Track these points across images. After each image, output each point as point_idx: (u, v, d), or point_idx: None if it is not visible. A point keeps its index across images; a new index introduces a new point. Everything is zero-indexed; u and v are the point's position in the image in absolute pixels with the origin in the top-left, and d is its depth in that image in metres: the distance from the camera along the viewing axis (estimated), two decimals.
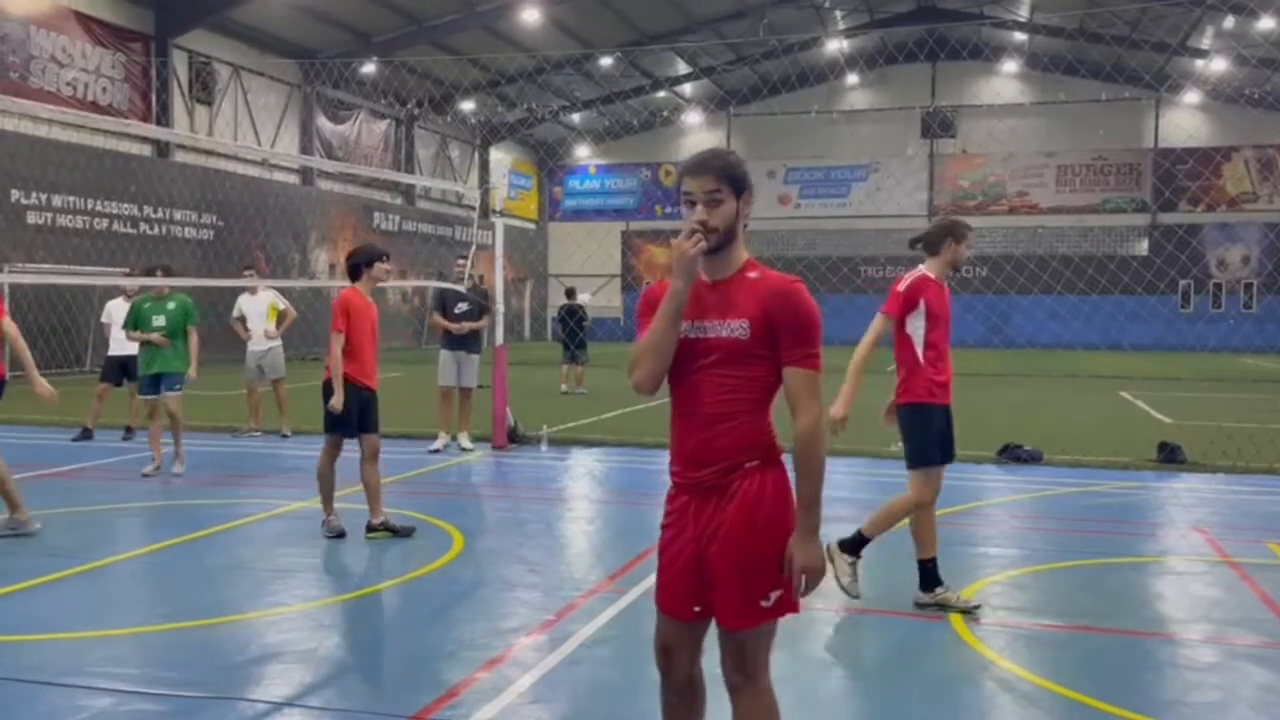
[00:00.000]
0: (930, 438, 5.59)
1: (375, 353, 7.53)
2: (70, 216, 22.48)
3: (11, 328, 7.39)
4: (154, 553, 6.90)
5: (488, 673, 4.67)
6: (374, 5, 29.11)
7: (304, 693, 4.47)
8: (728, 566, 2.93)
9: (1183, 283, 38.26)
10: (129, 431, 12.11)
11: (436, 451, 11.29)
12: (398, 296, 34.68)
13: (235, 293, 13.18)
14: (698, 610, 3.04)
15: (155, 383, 9.79)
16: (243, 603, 5.79)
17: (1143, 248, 39.88)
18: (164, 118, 25.67)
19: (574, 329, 18.82)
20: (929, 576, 5.72)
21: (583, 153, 45.46)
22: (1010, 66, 39.53)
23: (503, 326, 12.00)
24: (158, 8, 25.65)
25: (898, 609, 5.79)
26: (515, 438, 11.98)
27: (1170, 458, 10.88)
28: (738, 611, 2.96)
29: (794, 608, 3.01)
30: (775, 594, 2.96)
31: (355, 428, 7.36)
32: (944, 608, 5.64)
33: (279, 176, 30.47)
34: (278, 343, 12.53)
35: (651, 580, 3.19)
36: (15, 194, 21.25)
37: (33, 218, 21.61)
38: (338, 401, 7.21)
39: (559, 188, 46.46)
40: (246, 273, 13.61)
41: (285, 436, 12.26)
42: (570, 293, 20.43)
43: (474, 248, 13.09)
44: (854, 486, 9.84)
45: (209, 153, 27.19)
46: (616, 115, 41.33)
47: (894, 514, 5.74)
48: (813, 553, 2.90)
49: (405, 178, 34.91)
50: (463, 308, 11.61)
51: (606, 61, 35.51)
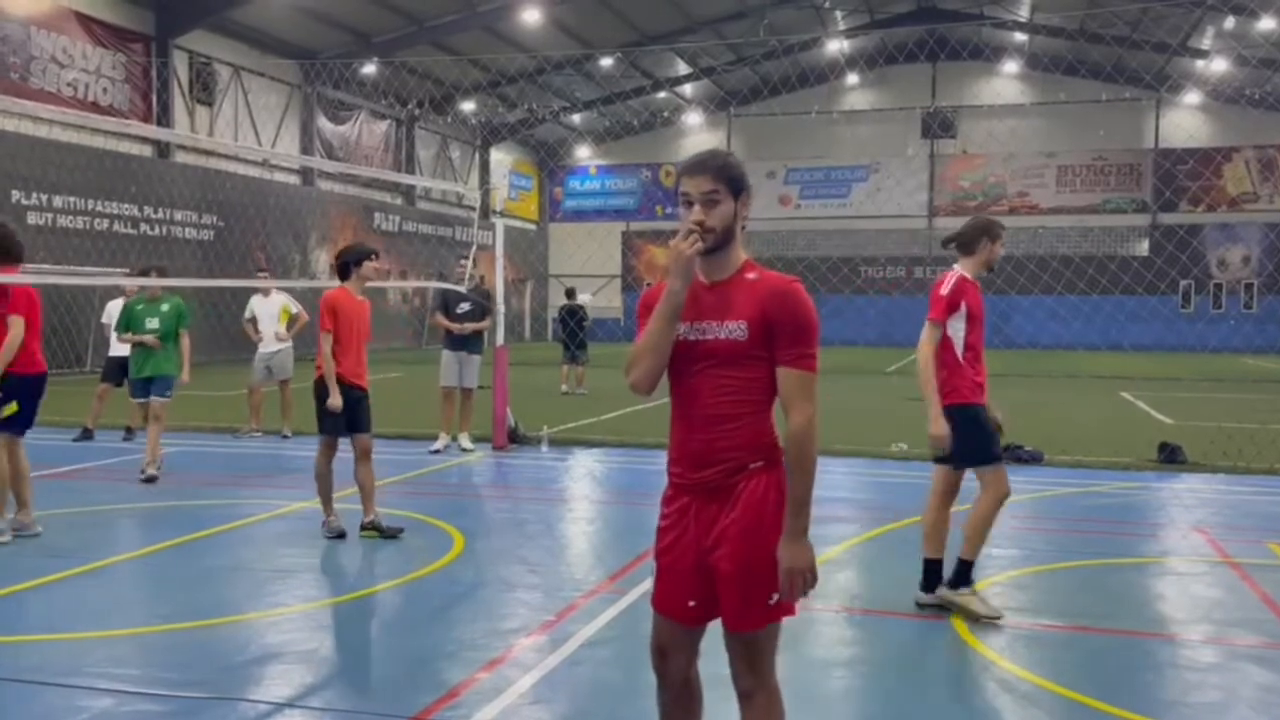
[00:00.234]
0: (987, 434, 5.55)
1: (365, 352, 7.51)
2: (71, 217, 22.48)
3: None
4: (154, 553, 6.90)
5: (488, 673, 4.67)
6: (374, 6, 29.12)
7: (304, 693, 4.48)
8: (736, 568, 2.92)
9: (1183, 283, 38.26)
10: (129, 432, 12.11)
11: (437, 452, 11.29)
12: (398, 297, 34.68)
13: (236, 294, 13.20)
14: (698, 613, 3.03)
15: (146, 386, 9.69)
16: (243, 603, 5.79)
17: (1143, 248, 39.89)
18: (164, 118, 25.67)
19: (574, 329, 18.81)
20: (934, 578, 5.70)
21: (583, 153, 45.46)
22: (1010, 67, 39.53)
23: (503, 327, 11.99)
24: (158, 8, 25.65)
25: (898, 609, 5.79)
26: (516, 438, 11.98)
27: (1171, 458, 10.88)
28: (746, 613, 2.95)
29: (790, 610, 3.00)
30: (777, 595, 2.95)
31: (345, 427, 7.36)
32: (944, 608, 5.64)
33: (279, 177, 30.47)
34: (288, 344, 12.53)
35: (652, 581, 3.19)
36: (16, 194, 21.25)
37: (33, 218, 21.60)
38: (335, 401, 7.19)
39: (559, 188, 46.45)
40: (260, 274, 13.59)
41: (286, 437, 12.27)
42: (570, 293, 20.42)
43: (474, 248, 13.08)
44: (854, 487, 9.84)
45: (209, 153, 27.20)
46: (617, 116, 41.34)
47: (983, 526, 5.59)
48: (801, 555, 2.89)
49: (406, 178, 34.90)
50: (465, 308, 11.61)
51: (607, 62, 35.52)
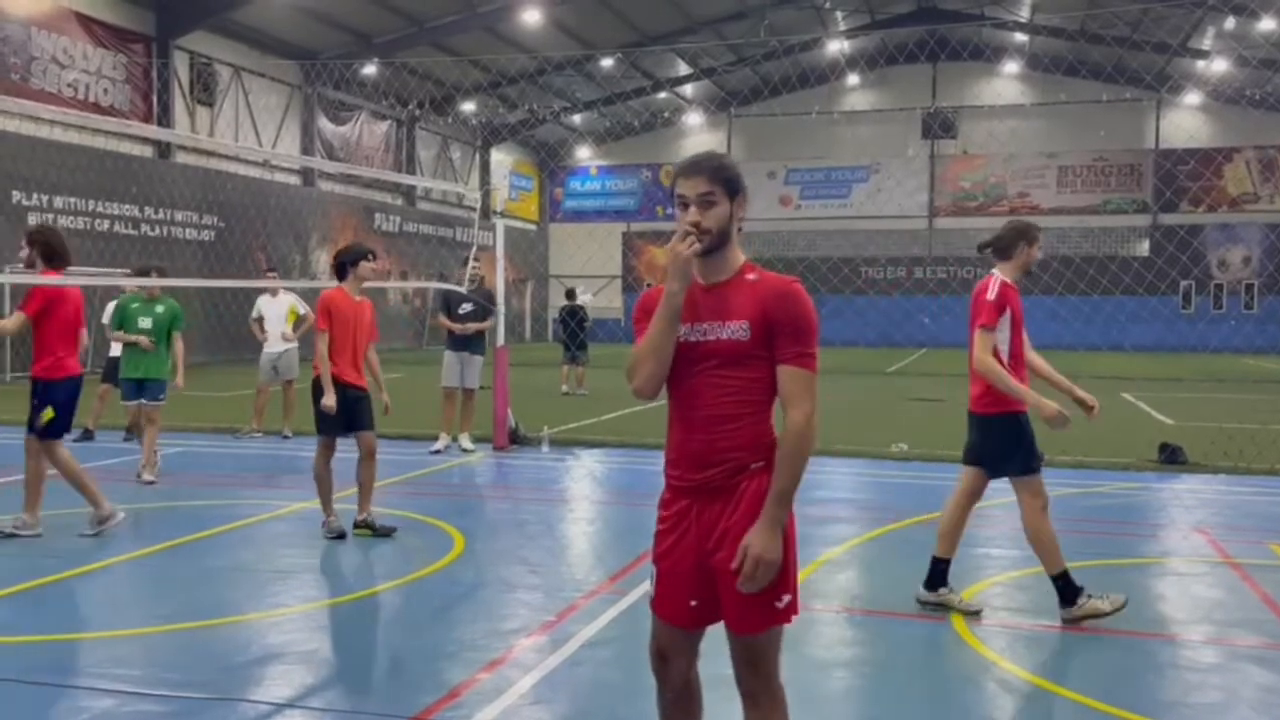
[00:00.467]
0: (1029, 444, 5.51)
1: (368, 352, 7.50)
2: (71, 218, 22.47)
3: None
4: (155, 554, 6.90)
5: (489, 674, 4.67)
6: (375, 6, 29.12)
7: (305, 693, 4.48)
8: (734, 564, 2.90)
9: (1184, 283, 38.25)
10: (130, 432, 12.10)
11: (438, 452, 11.29)
12: (398, 298, 34.68)
13: (236, 294, 13.19)
14: (699, 616, 3.02)
15: (138, 387, 9.52)
16: (244, 604, 5.79)
17: (1144, 248, 39.88)
18: (165, 119, 25.67)
19: (575, 330, 18.82)
20: (939, 576, 5.68)
21: (584, 154, 45.46)
22: (1011, 67, 39.53)
23: (503, 327, 12.00)
24: (159, 9, 25.65)
25: (898, 609, 5.79)
26: (516, 439, 11.98)
27: (1171, 459, 10.87)
28: (749, 615, 2.94)
29: (792, 613, 2.99)
30: (787, 597, 2.95)
31: (344, 428, 7.35)
32: (945, 608, 5.63)
33: (280, 177, 30.47)
34: (294, 345, 12.53)
35: None
36: (16, 195, 21.26)
37: (34, 219, 21.56)
38: (329, 401, 7.20)
39: (560, 189, 46.46)
40: (270, 274, 13.57)
41: (286, 438, 12.27)
42: (571, 293, 20.43)
43: (474, 248, 13.09)
44: (855, 487, 9.85)
45: (210, 154, 27.20)
46: (617, 116, 41.34)
47: (1045, 537, 5.48)
48: (771, 545, 2.85)
49: (406, 179, 34.90)
50: (467, 308, 11.61)
51: (607, 62, 35.50)
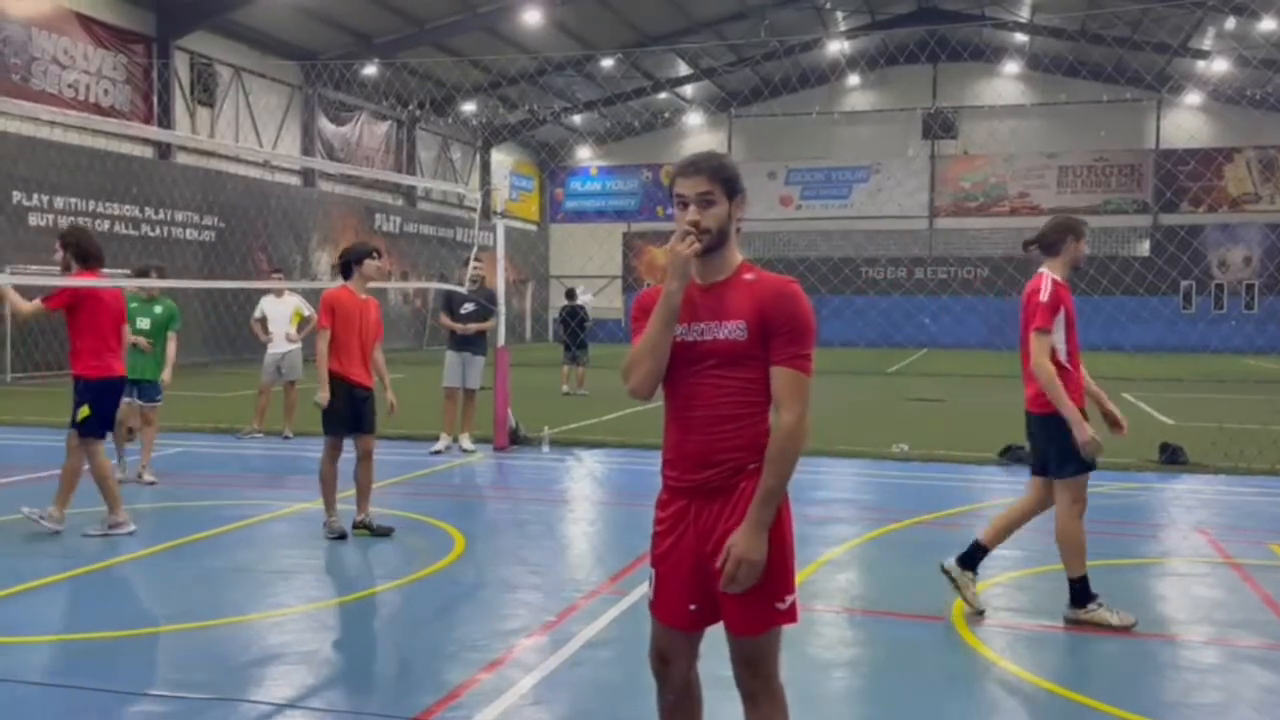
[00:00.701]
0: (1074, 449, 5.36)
1: (369, 350, 7.51)
2: (72, 218, 22.41)
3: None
4: (155, 554, 6.90)
5: (489, 674, 4.68)
6: (375, 7, 29.13)
7: (306, 694, 4.48)
8: (717, 563, 2.89)
9: (1184, 284, 38.24)
10: (130, 433, 12.10)
11: (438, 453, 11.29)
12: (399, 298, 34.68)
13: (237, 295, 13.18)
14: (699, 617, 3.02)
15: (133, 389, 9.39)
16: (244, 604, 5.79)
17: (1144, 249, 39.87)
18: (165, 119, 25.67)
19: (575, 330, 18.83)
20: (973, 559, 5.57)
21: (584, 154, 45.46)
22: (1011, 68, 39.53)
23: (504, 328, 12.00)
24: (159, 9, 25.66)
25: (899, 610, 5.79)
26: (516, 439, 11.99)
27: (1172, 459, 10.87)
28: (749, 617, 2.93)
29: (793, 617, 2.98)
30: (790, 598, 2.95)
31: (351, 427, 7.36)
32: (957, 588, 5.60)
33: (280, 178, 30.47)
34: (298, 345, 12.54)
35: None
36: (17, 195, 21.26)
37: (34, 219, 21.62)
38: (323, 397, 7.23)
39: (560, 189, 46.46)
40: (275, 275, 13.56)
41: (287, 438, 12.27)
42: (571, 293, 20.45)
43: (475, 248, 13.09)
44: (855, 488, 9.85)
45: (210, 154, 27.19)
46: (618, 116, 41.33)
47: (1074, 540, 5.43)
48: (756, 546, 2.84)
49: (407, 179, 34.90)
50: (468, 308, 11.62)
51: (608, 63, 35.50)
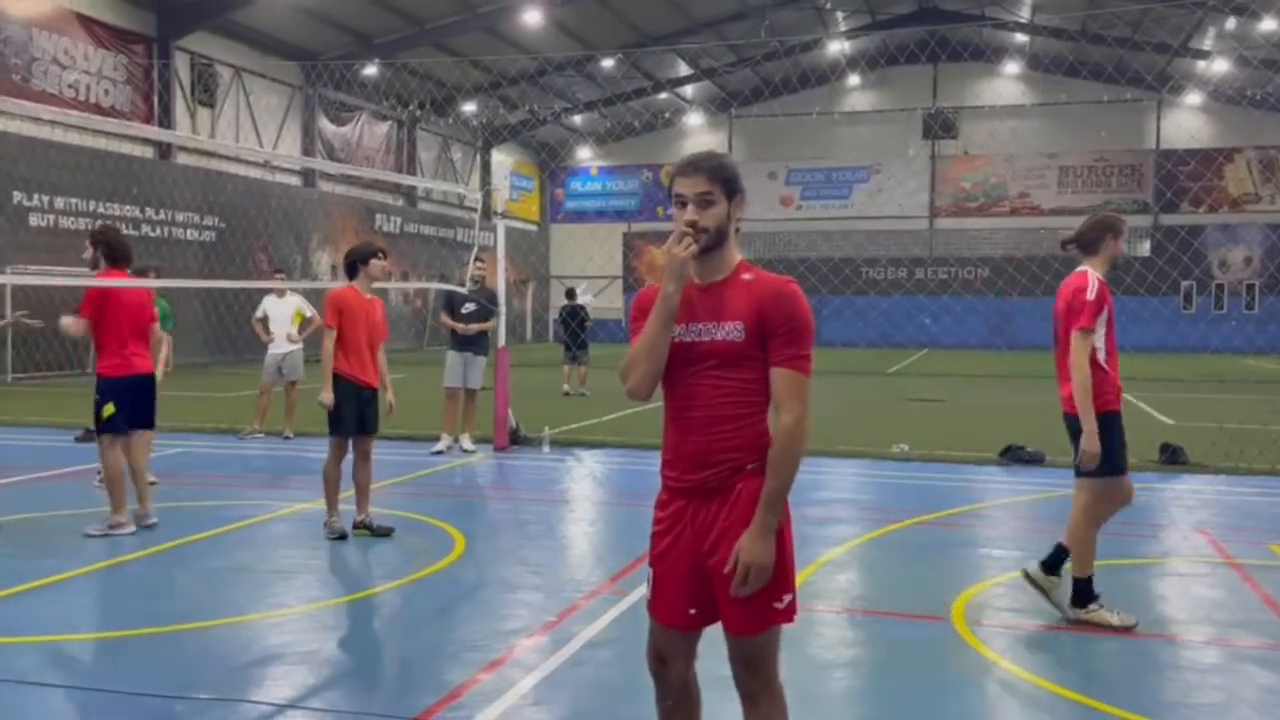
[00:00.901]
0: (1119, 445, 5.35)
1: (376, 350, 7.53)
2: (73, 218, 22.48)
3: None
4: (156, 554, 6.90)
5: (489, 674, 4.68)
6: (375, 7, 29.14)
7: (306, 694, 4.48)
8: (726, 568, 2.89)
9: (1185, 284, 38.22)
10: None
11: (439, 453, 11.29)
12: (399, 298, 34.68)
13: (237, 295, 13.17)
14: (696, 617, 3.02)
15: None
16: (245, 604, 5.79)
17: (1144, 249, 39.81)
18: (166, 119, 25.68)
19: (576, 330, 18.84)
20: (1083, 593, 5.45)
21: (584, 154, 45.45)
22: (1012, 68, 39.52)
23: (504, 328, 12.01)
24: (159, 10, 25.67)
25: (899, 610, 5.79)
26: (517, 439, 11.98)
27: (1172, 459, 10.87)
28: (748, 617, 2.93)
29: (791, 616, 2.98)
30: (787, 597, 2.95)
31: (357, 428, 7.37)
32: (1097, 625, 5.41)
33: (281, 178, 30.47)
34: (299, 346, 12.55)
35: None
36: (18, 196, 21.26)
37: (35, 220, 21.63)
38: (327, 396, 7.23)
39: (560, 189, 46.46)
40: (277, 275, 13.54)
41: (287, 439, 12.26)
42: (571, 293, 20.44)
43: (476, 248, 13.10)
44: (855, 488, 9.85)
45: (211, 154, 27.20)
46: (618, 117, 41.33)
47: (1084, 541, 5.40)
48: (764, 551, 2.84)
49: (407, 179, 34.90)
50: (469, 308, 11.62)
51: (608, 63, 35.49)
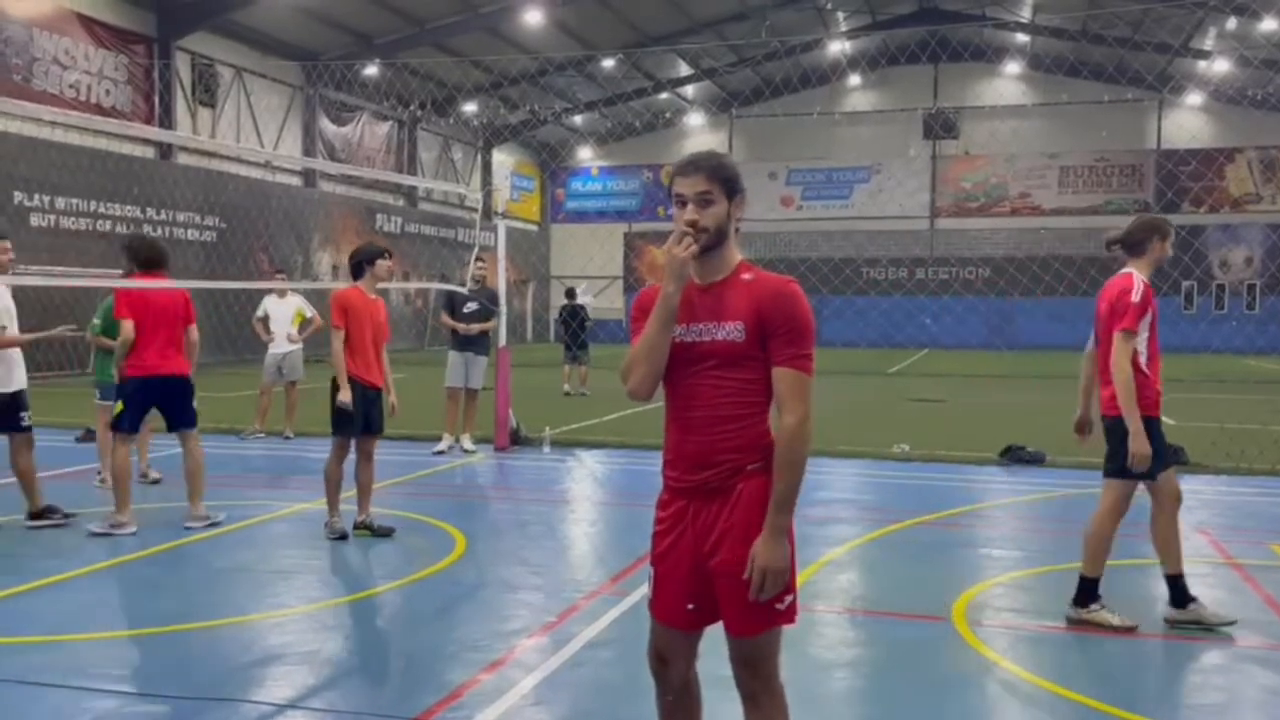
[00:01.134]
0: (1159, 451, 5.32)
1: (380, 350, 7.54)
2: (73, 219, 22.49)
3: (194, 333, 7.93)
4: (157, 554, 6.90)
5: (490, 674, 4.68)
6: (376, 7, 29.14)
7: (307, 694, 4.48)
8: (737, 571, 2.89)
9: (1185, 284, 38.20)
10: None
11: (440, 453, 11.29)
12: (400, 298, 34.69)
13: (238, 295, 13.16)
14: (698, 617, 3.02)
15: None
16: (245, 604, 5.79)
17: None
18: (166, 120, 25.69)
19: (576, 330, 18.86)
20: (1181, 593, 5.42)
21: (585, 154, 45.45)
22: (1012, 68, 39.50)
23: (505, 328, 12.01)
24: (160, 10, 25.67)
25: (900, 610, 5.79)
26: (518, 439, 11.99)
27: (1173, 459, 10.82)
28: (749, 617, 2.93)
29: (791, 617, 2.98)
30: (789, 598, 2.94)
31: (362, 428, 7.37)
32: (1196, 625, 5.37)
33: (281, 178, 30.48)
34: (299, 346, 12.55)
35: None
36: (18, 196, 21.26)
37: (36, 220, 21.63)
38: (345, 395, 7.20)
39: (561, 189, 46.46)
40: (278, 275, 13.54)
41: (287, 439, 12.27)
42: (570, 293, 20.47)
43: (477, 248, 13.10)
44: (856, 488, 9.84)
45: (211, 155, 27.21)
46: (618, 117, 41.32)
47: (1100, 540, 5.43)
48: (777, 554, 2.85)
49: (408, 180, 34.91)
50: (471, 308, 11.62)
51: (608, 63, 35.50)
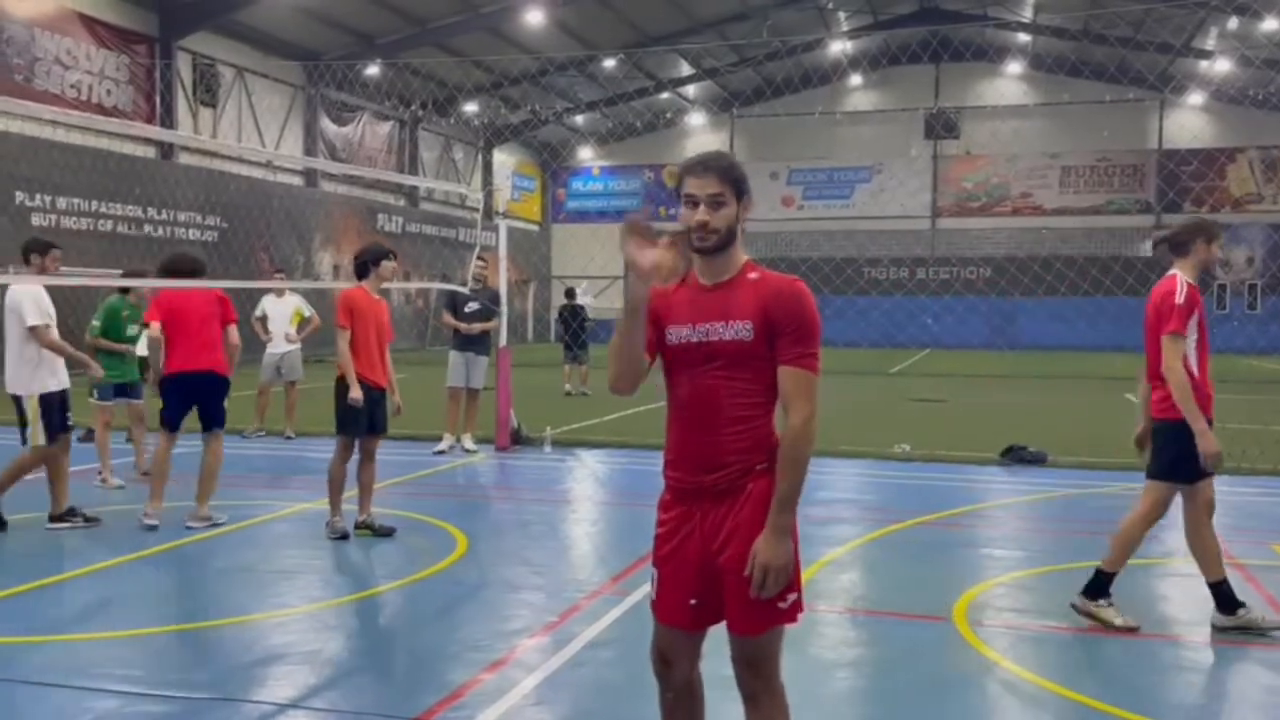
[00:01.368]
0: (1197, 457, 5.22)
1: (384, 350, 7.55)
2: (75, 218, 22.50)
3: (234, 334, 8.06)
4: (158, 554, 6.90)
5: (491, 674, 4.68)
6: (377, 7, 29.15)
7: (308, 694, 4.48)
8: (743, 568, 2.89)
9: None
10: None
11: (441, 453, 11.30)
12: (401, 298, 34.69)
13: (239, 295, 13.14)
14: (702, 617, 3.02)
15: (118, 389, 9.45)
16: (247, 604, 5.80)
17: (1147, 249, 39.79)
18: (168, 120, 25.69)
19: (577, 330, 18.88)
20: (1226, 599, 5.37)
21: (586, 154, 45.46)
22: (1014, 68, 39.49)
23: (506, 328, 12.01)
24: (161, 10, 25.68)
25: (901, 610, 5.79)
26: (519, 439, 11.99)
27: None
28: (754, 616, 2.93)
29: (795, 615, 2.98)
30: (792, 596, 2.95)
31: (367, 428, 7.38)
32: (1246, 630, 5.30)
33: (283, 178, 30.49)
34: (297, 345, 12.55)
35: None
36: (20, 196, 21.28)
37: (37, 220, 21.63)
38: (356, 393, 7.20)
39: (562, 189, 46.47)
40: (277, 275, 13.58)
41: (288, 439, 12.27)
42: (570, 293, 20.50)
43: (478, 248, 13.10)
44: (857, 488, 9.84)
45: (213, 154, 27.22)
46: (619, 117, 41.31)
47: (1129, 541, 5.37)
48: (781, 552, 2.85)
49: (409, 179, 34.92)
50: (472, 308, 11.63)
51: (609, 63, 35.51)
